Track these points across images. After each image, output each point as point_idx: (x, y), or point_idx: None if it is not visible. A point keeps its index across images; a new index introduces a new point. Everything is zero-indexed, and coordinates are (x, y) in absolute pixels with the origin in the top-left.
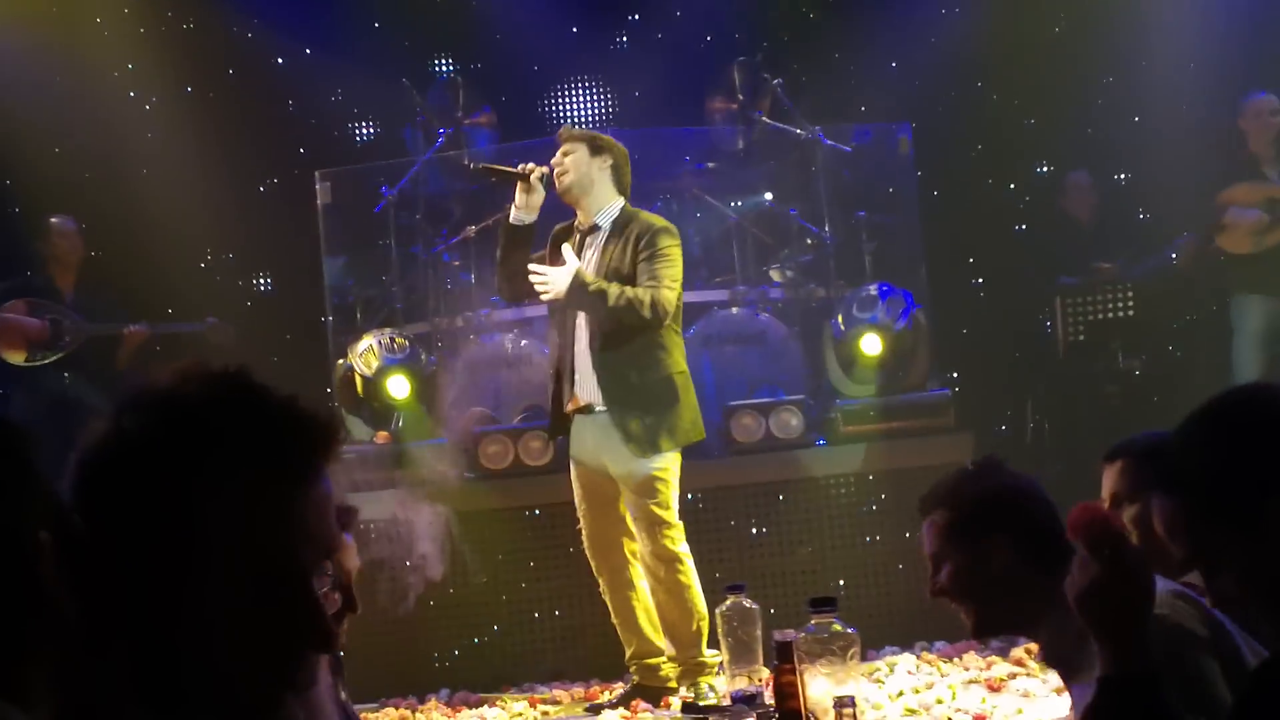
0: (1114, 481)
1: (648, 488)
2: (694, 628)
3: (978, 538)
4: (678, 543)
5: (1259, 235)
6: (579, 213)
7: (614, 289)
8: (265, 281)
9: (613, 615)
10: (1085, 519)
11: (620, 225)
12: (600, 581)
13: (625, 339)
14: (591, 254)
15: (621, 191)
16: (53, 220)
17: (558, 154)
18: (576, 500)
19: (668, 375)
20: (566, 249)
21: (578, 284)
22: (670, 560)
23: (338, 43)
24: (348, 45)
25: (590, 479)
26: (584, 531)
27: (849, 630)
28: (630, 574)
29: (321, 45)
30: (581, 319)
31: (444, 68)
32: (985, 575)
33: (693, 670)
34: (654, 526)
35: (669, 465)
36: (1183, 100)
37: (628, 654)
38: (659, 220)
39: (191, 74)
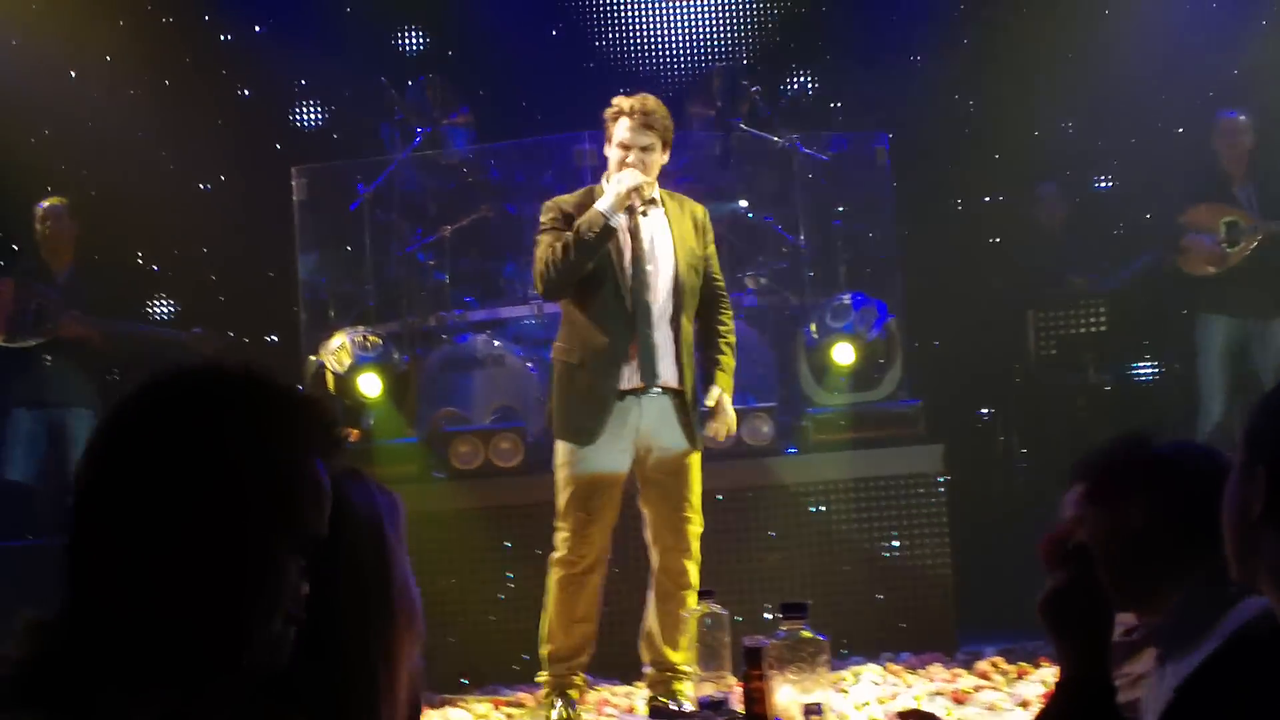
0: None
1: (694, 479)
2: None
3: (1116, 501)
4: None
5: (1216, 261)
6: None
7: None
8: (234, 276)
9: (568, 612)
10: (1050, 537)
11: (674, 200)
12: (574, 578)
13: (691, 323)
14: (656, 228)
15: None
16: (42, 204)
17: (635, 150)
18: (587, 492)
19: None
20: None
21: None
22: (697, 561)
23: (300, 26)
24: (312, 29)
25: (621, 470)
26: (584, 524)
27: (819, 637)
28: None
29: (288, 29)
30: (664, 286)
31: (416, 43)
32: (1120, 540)
33: (678, 677)
34: (691, 522)
35: None
36: (1159, 116)
37: (570, 657)
38: (698, 203)
39: (148, 62)
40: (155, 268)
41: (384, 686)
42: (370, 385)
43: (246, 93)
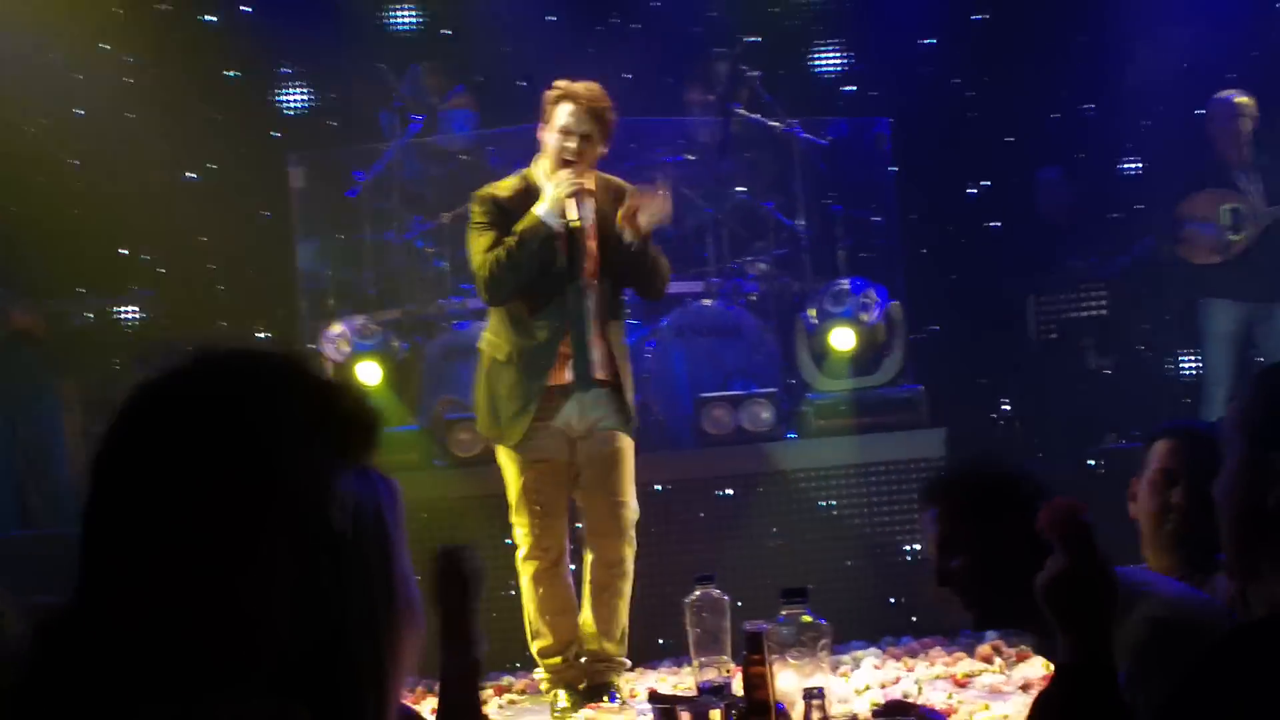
0: (1164, 458)
1: (626, 464)
2: (626, 625)
3: (995, 521)
4: None
5: (1220, 249)
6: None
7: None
8: (232, 265)
9: (547, 605)
10: (1058, 512)
11: (600, 181)
12: (545, 571)
13: (621, 309)
14: (588, 223)
15: None
16: None
17: (576, 136)
18: (536, 483)
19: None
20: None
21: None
22: (634, 547)
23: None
24: (301, 8)
25: (562, 457)
26: (541, 516)
27: (820, 622)
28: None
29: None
30: (596, 283)
31: (410, 22)
32: (1001, 561)
33: (613, 669)
34: (626, 507)
35: None
36: (1161, 101)
37: (562, 650)
38: (628, 184)
39: (143, 50)
40: (145, 256)
41: (388, 681)
42: (370, 373)
43: (235, 74)
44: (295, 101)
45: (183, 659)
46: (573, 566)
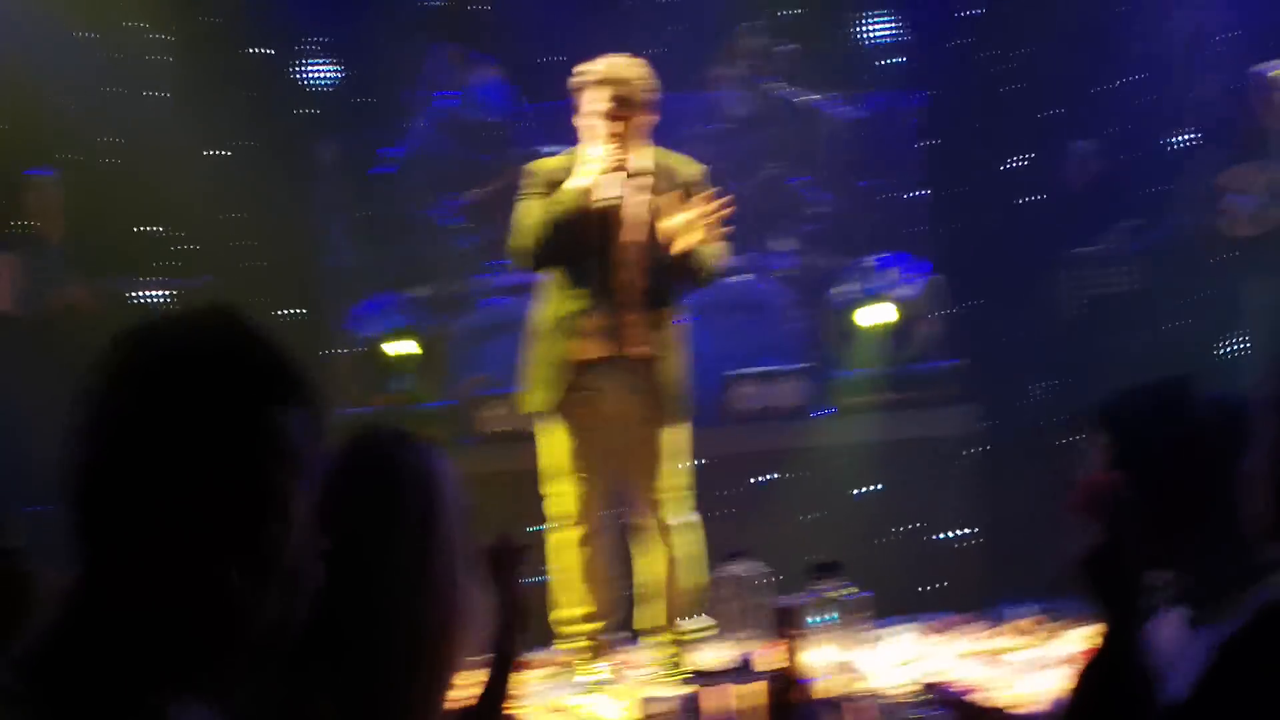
0: None
1: (664, 444)
2: (695, 596)
3: (1147, 456)
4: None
5: (1259, 223)
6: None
7: None
8: (259, 243)
9: (590, 573)
10: (1092, 488)
11: (663, 161)
12: (590, 536)
13: (667, 286)
14: (638, 199)
15: None
16: (28, 175)
17: (613, 122)
18: (578, 452)
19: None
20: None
21: None
22: (680, 520)
23: None
24: None
25: (597, 428)
26: (584, 484)
27: (852, 597)
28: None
29: None
30: (640, 259)
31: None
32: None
33: (687, 642)
34: (660, 493)
35: None
36: (1204, 73)
37: (602, 616)
38: (694, 163)
39: (169, 27)
40: (165, 232)
41: (418, 686)
42: (400, 349)
43: (263, 50)
44: (323, 78)
45: (182, 643)
46: None
